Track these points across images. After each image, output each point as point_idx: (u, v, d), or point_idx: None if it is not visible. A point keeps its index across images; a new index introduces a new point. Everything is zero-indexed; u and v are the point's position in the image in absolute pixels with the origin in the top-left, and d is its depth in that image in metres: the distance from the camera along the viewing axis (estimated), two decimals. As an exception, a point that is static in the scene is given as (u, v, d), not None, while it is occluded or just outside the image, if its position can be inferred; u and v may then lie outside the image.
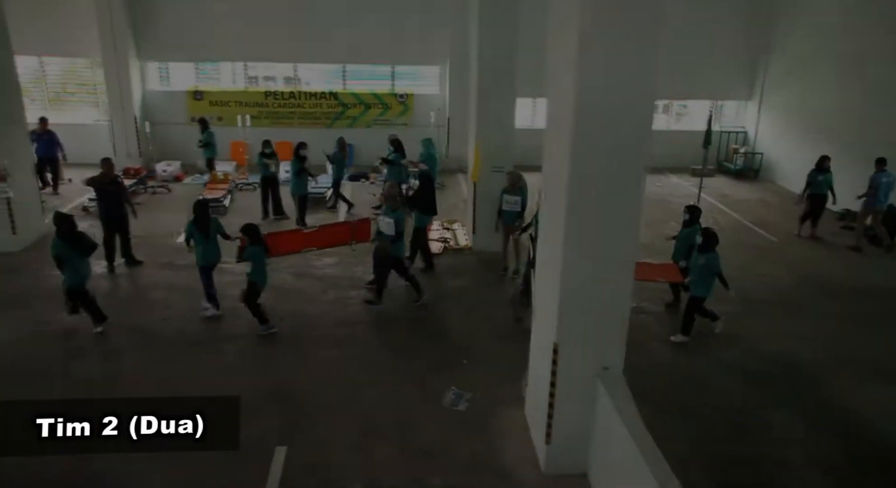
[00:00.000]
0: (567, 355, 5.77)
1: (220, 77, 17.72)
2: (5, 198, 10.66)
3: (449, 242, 11.89)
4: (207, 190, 13.93)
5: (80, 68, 17.22)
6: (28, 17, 14.18)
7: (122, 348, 8.28)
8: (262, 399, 7.23)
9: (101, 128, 16.78)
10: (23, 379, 7.50)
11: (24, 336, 8.46)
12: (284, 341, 8.51)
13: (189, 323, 8.88)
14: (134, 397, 7.06)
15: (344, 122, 17.26)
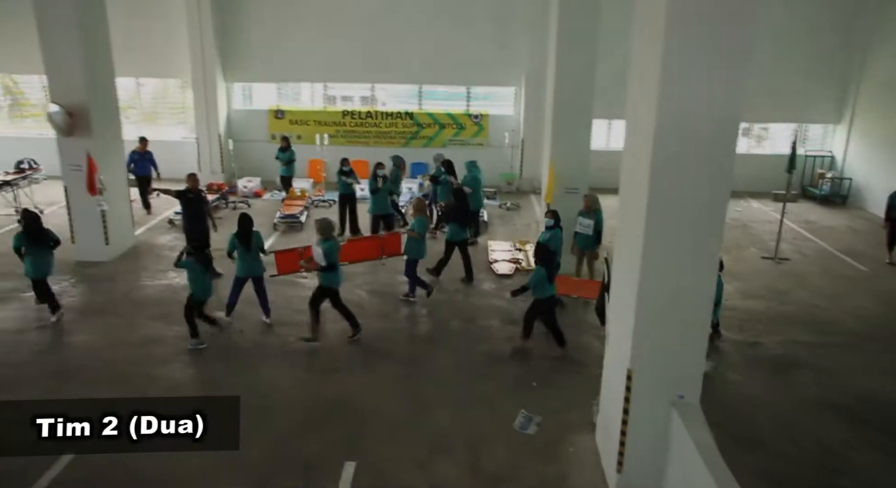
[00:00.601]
0: (641, 382, 5.63)
1: (299, 96, 18.28)
2: (101, 211, 11.24)
3: (521, 263, 11.82)
4: (285, 206, 14.33)
5: (170, 88, 18.09)
6: (129, 42, 14.98)
7: (202, 357, 8.57)
8: (329, 412, 7.35)
9: (189, 144, 17.55)
10: (110, 382, 7.86)
11: (113, 341, 8.87)
12: (354, 356, 8.62)
13: (264, 335, 9.12)
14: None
15: (419, 141, 17.49)
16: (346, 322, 9.01)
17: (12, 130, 18.10)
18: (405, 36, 16.83)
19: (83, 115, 11.11)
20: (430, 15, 16.67)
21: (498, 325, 9.56)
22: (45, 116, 11.55)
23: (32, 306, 9.69)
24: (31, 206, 14.17)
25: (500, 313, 9.93)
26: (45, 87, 16.78)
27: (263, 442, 6.79)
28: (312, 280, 10.70)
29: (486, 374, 8.23)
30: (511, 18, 16.67)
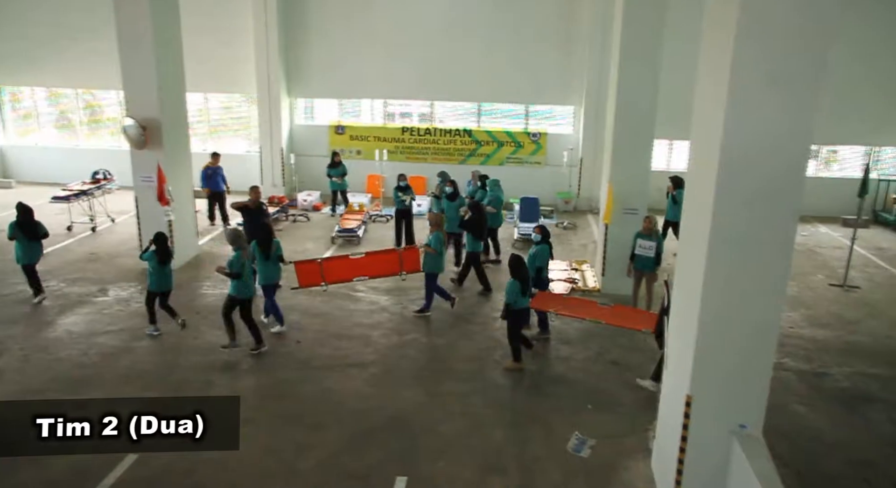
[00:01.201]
0: (701, 409, 5.49)
1: (359, 112, 18.61)
2: (168, 221, 11.64)
3: (577, 283, 11.71)
4: (343, 220, 14.56)
5: (235, 103, 18.66)
6: (199, 59, 15.54)
7: (261, 366, 8.75)
8: (385, 426, 7.39)
9: (252, 158, 18.04)
10: (171, 386, 8.10)
11: (176, 347, 9.16)
12: (411, 371, 8.66)
13: (321, 346, 9.25)
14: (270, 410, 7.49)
15: (477, 159, 17.56)
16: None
17: (90, 143, 18.94)
18: (465, 54, 16.98)
19: (155, 128, 11.57)
20: (491, 33, 16.78)
21: (552, 345, 9.48)
22: (121, 130, 12.05)
23: (104, 311, 10.08)
24: (106, 216, 14.84)
25: (554, 333, 9.83)
26: (121, 102, 17.64)
27: (318, 453, 6.88)
28: (370, 293, 10.85)
29: (540, 394, 8.16)
30: (572, 37, 16.65)
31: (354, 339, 9.49)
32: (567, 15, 16.57)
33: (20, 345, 9.07)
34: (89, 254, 12.78)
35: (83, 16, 17.13)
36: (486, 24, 16.78)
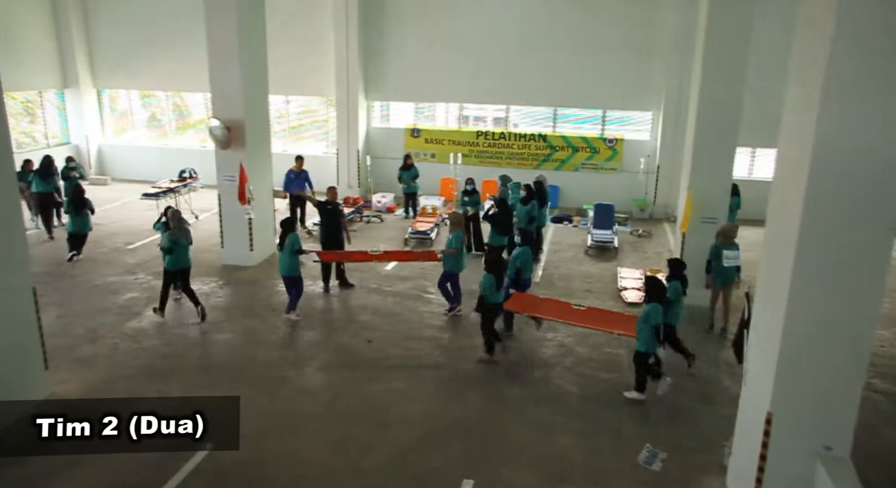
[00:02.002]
0: (782, 428, 5.28)
1: (434, 116, 18.76)
2: (248, 219, 12.03)
3: (651, 292, 11.43)
4: (416, 222, 14.70)
5: (314, 106, 19.12)
6: (281, 63, 15.99)
7: (332, 364, 8.92)
8: (453, 429, 7.41)
9: (329, 159, 18.45)
10: (246, 380, 8.36)
11: (252, 341, 9.44)
12: (479, 375, 8.66)
13: (392, 347, 9.35)
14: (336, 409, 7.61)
15: (551, 164, 17.41)
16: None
17: (178, 142, 19.80)
18: (542, 58, 16.86)
19: (239, 129, 11.99)
20: (569, 38, 16.62)
21: (625, 355, 9.27)
22: (207, 130, 12.54)
23: (184, 303, 10.47)
24: (189, 212, 15.45)
25: (628, 342, 9.62)
26: (207, 104, 18.37)
27: (384, 452, 6.96)
28: (440, 296, 10.89)
29: (611, 404, 8.00)
30: (652, 42, 16.30)
31: (424, 341, 9.56)
32: (647, 20, 16.24)
33: (111, 333, 9.56)
34: (174, 249, 13.31)
35: (175, 24, 17.96)
36: (564, 29, 16.63)
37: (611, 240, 13.96)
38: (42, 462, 6.56)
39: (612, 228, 14.45)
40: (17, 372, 7.41)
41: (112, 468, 6.56)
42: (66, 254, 12.44)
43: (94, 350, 9.06)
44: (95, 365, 8.67)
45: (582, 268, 12.78)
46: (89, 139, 19.56)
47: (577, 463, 6.85)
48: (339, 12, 17.07)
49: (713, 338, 9.94)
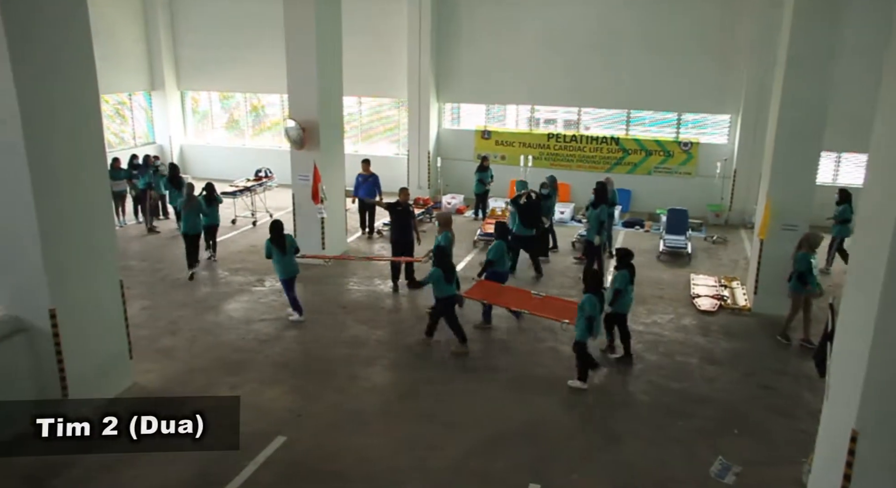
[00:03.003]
0: (869, 447, 5.01)
1: (504, 117, 18.71)
2: (320, 218, 12.29)
3: (726, 301, 11.08)
4: (486, 224, 14.69)
5: (385, 107, 19.37)
6: (356, 65, 16.26)
7: (399, 363, 9.02)
8: (519, 433, 7.38)
9: (400, 160, 18.66)
10: (316, 376, 8.55)
11: (322, 339, 9.64)
12: (549, 380, 8.58)
13: (461, 347, 9.37)
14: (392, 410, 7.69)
15: (623, 167, 17.11)
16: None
17: (254, 142, 20.43)
18: (616, 61, 16.60)
19: (314, 130, 12.27)
20: (643, 39, 16.29)
21: (696, 364, 9.04)
22: (283, 131, 12.88)
23: (261, 300, 10.79)
24: (265, 211, 15.89)
25: (700, 351, 9.39)
26: (283, 105, 18.90)
27: (450, 453, 6.99)
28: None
29: (682, 413, 7.80)
30: (730, 44, 15.81)
31: (491, 343, 9.56)
32: (726, 20, 15.75)
33: (189, 325, 9.94)
34: (250, 247, 13.75)
35: (253, 28, 18.53)
36: (639, 29, 16.32)
37: (684, 246, 13.61)
38: (117, 449, 6.89)
39: (685, 234, 14.08)
40: (106, 360, 7.81)
41: (184, 458, 6.82)
42: (154, 251, 13.08)
43: (173, 342, 9.44)
44: (175, 356, 9.03)
45: (653, 273, 12.50)
46: (172, 139, 20.41)
47: (647, 472, 6.71)
48: (413, 15, 17.25)
49: (791, 349, 9.55)
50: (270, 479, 6.52)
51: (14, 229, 6.93)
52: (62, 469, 6.62)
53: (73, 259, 7.25)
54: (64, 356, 7.20)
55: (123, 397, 7.90)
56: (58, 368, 7.21)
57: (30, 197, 6.73)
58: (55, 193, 6.97)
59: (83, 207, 7.37)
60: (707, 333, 10.00)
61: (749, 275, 11.46)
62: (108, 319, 7.84)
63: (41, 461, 6.71)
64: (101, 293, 7.68)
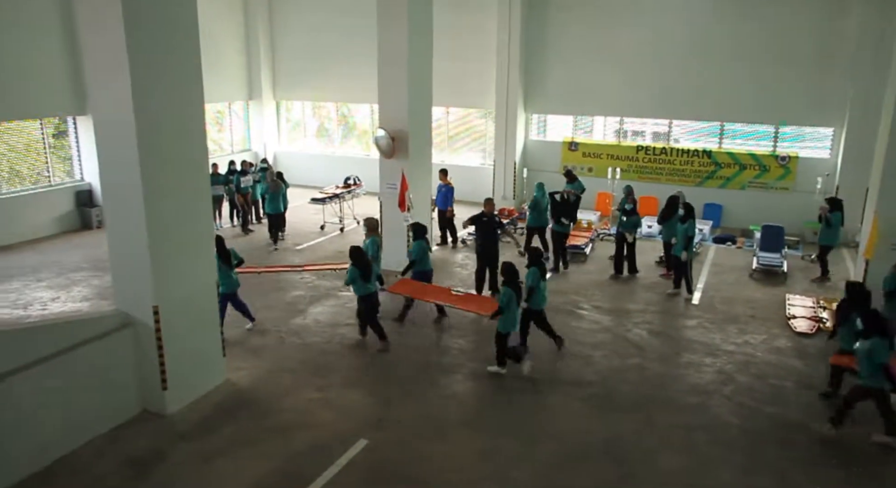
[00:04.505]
0: None
1: (591, 129, 18.47)
2: (406, 226, 12.45)
3: (825, 323, 10.52)
4: (571, 237, 14.48)
5: (470, 117, 19.49)
6: (444, 76, 16.44)
7: (480, 373, 8.98)
8: (599, 449, 7.24)
9: (485, 170, 18.73)
10: (397, 381, 8.67)
11: (403, 345, 9.72)
12: (631, 397, 8.39)
13: (540, 361, 9.28)
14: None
15: (715, 181, 16.56)
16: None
17: (343, 151, 20.98)
18: (709, 71, 16.10)
19: (403, 139, 12.48)
20: (739, 48, 15.73)
21: (792, 387, 8.61)
22: (373, 140, 13.16)
23: (346, 305, 11.03)
24: (353, 218, 16.26)
25: (795, 374, 8.94)
26: (372, 115, 19.34)
27: (531, 466, 6.93)
28: (593, 312, 10.68)
29: (776, 440, 7.44)
30: (834, 54, 15.05)
31: (575, 358, 9.42)
32: (831, 28, 15.02)
33: (277, 327, 10.27)
34: (337, 252, 14.09)
35: (346, 41, 19.14)
36: (735, 39, 15.78)
37: (779, 264, 13.03)
38: (211, 444, 7.20)
39: (780, 251, 13.49)
40: (201, 356, 8.18)
41: (273, 455, 7.05)
42: (247, 254, 13.53)
43: (262, 342, 9.78)
44: (263, 356, 9.35)
45: (746, 292, 12.02)
46: (267, 146, 21.23)
47: (736, 499, 6.44)
48: (503, 27, 17.32)
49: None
50: (353, 482, 6.64)
51: (126, 232, 7.38)
52: (165, 456, 6.99)
53: (175, 260, 7.64)
54: (164, 350, 7.59)
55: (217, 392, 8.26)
56: (158, 361, 7.60)
57: (140, 201, 7.15)
58: (162, 198, 7.37)
59: (186, 211, 7.76)
60: (803, 356, 9.52)
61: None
62: (204, 318, 8.22)
63: (146, 447, 7.11)
64: (199, 292, 8.05)
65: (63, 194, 15.77)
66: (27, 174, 15.38)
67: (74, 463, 6.86)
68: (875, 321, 7.27)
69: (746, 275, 13.00)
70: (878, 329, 7.17)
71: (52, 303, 11.21)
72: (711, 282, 12.61)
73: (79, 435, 7.15)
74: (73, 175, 16.23)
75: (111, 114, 7.08)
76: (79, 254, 13.88)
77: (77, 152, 16.17)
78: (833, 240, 12.53)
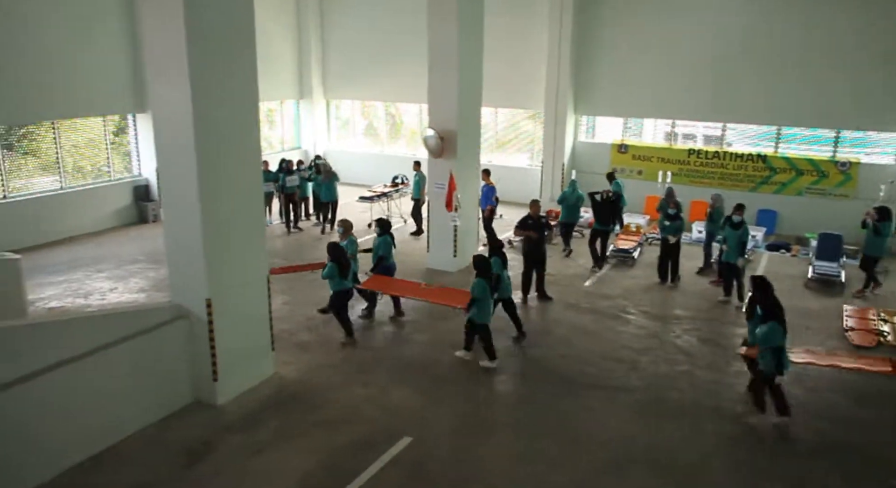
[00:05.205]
0: None
1: (640, 131, 18.21)
2: (453, 226, 12.50)
3: (885, 336, 10.16)
4: (619, 240, 14.34)
5: (517, 117, 19.42)
6: (494, 77, 16.41)
7: (524, 375, 8.99)
8: (645, 457, 7.15)
9: (533, 172, 18.64)
10: (440, 379, 8.70)
11: (447, 344, 9.73)
12: (678, 404, 8.25)
13: (586, 365, 9.21)
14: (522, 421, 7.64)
15: (769, 187, 16.14)
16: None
17: (391, 149, 21.14)
18: (765, 74, 15.66)
19: (452, 140, 12.51)
20: (798, 50, 15.27)
21: (847, 404, 8.33)
22: (422, 139, 13.23)
23: (389, 302, 11.09)
24: (399, 217, 16.38)
25: (852, 390, 8.64)
26: (420, 115, 19.44)
27: (571, 471, 6.88)
28: (640, 317, 10.56)
29: (828, 458, 7.20)
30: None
31: (622, 362, 9.30)
32: (893, 32, 14.47)
33: (325, 323, 10.39)
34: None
35: (395, 42, 19.36)
36: (793, 40, 15.33)
37: (837, 274, 12.63)
38: (258, 436, 7.34)
39: (838, 261, 13.07)
40: (251, 349, 8.36)
41: (319, 449, 7.15)
42: (296, 250, 13.83)
43: (310, 337, 9.93)
44: (312, 351, 9.49)
45: (801, 302, 11.67)
46: (317, 144, 21.54)
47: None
48: (554, 27, 17.22)
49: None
50: (396, 479, 6.69)
51: (182, 226, 7.59)
52: (214, 446, 7.16)
53: (228, 254, 7.82)
54: (216, 342, 7.77)
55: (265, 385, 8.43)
56: (210, 353, 7.79)
57: (196, 196, 7.34)
58: (218, 194, 7.55)
59: (240, 207, 7.94)
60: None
61: (913, 310, 10.46)
62: (254, 311, 8.38)
63: (195, 437, 7.30)
64: (250, 287, 8.22)
65: (122, 189, 16.29)
66: (89, 169, 15.92)
67: (126, 451, 7.08)
68: (773, 307, 7.73)
69: (801, 284, 12.65)
70: (776, 315, 7.65)
71: (111, 294, 11.59)
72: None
73: (132, 422, 7.38)
74: (131, 170, 16.74)
75: (171, 111, 7.29)
76: (135, 246, 14.32)
77: (136, 148, 16.68)
78: (880, 250, 12.02)
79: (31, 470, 6.47)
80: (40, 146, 14.85)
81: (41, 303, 11.07)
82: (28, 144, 14.68)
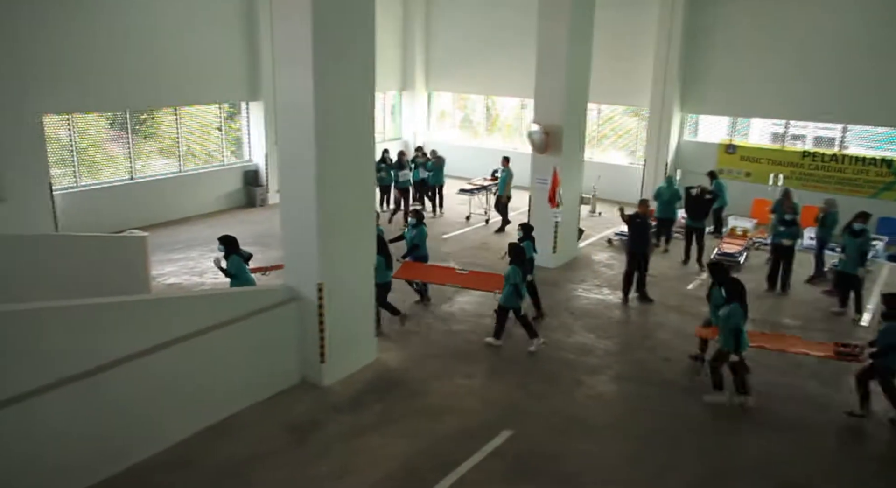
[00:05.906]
0: None
1: (748, 131, 17.46)
2: (555, 222, 12.41)
3: None
4: (724, 243, 13.82)
5: (617, 113, 19.01)
6: (602, 72, 16.03)
7: (626, 376, 8.84)
8: (751, 468, 6.94)
9: (634, 170, 18.21)
10: (538, 377, 8.68)
11: (548, 341, 9.70)
12: (787, 416, 7.92)
13: (690, 370, 8.96)
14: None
15: (892, 193, 15.16)
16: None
17: (490, 143, 21.15)
18: (893, 72, 14.67)
19: (557, 135, 12.41)
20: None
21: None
22: (526, 135, 13.18)
23: (489, 295, 11.14)
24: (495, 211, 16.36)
25: None
26: (519, 108, 19.35)
27: (682, 476, 6.75)
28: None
29: (884, 462, 6.79)
30: None
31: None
32: None
33: (426, 312, 10.59)
34: (481, 243, 14.28)
35: (497, 35, 19.33)
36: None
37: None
38: (362, 418, 7.56)
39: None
40: (357, 334, 8.62)
41: (422, 435, 7.29)
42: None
43: (410, 326, 10.09)
44: (412, 339, 9.67)
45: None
46: (417, 135, 21.82)
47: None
48: (664, 23, 16.76)
49: None
50: (498, 470, 6.74)
51: (299, 212, 7.89)
52: (321, 425, 7.43)
53: (339, 240, 8.07)
54: (325, 325, 8.04)
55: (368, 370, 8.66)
56: (319, 335, 8.07)
57: (313, 182, 7.62)
58: (333, 180, 7.80)
59: (353, 195, 8.17)
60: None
61: None
62: (361, 297, 8.62)
63: (303, 414, 7.59)
64: (358, 273, 8.46)
65: (232, 173, 17.05)
66: (201, 154, 16.74)
67: (240, 423, 7.44)
68: (735, 288, 8.00)
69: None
70: (737, 296, 7.90)
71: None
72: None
73: (245, 397, 7.75)
74: (241, 156, 17.48)
75: (294, 97, 7.57)
76: (245, 229, 14.94)
77: (247, 135, 17.39)
78: None
79: (171, 425, 7.02)
80: (160, 130, 15.72)
81: (161, 278, 11.75)
82: (146, 129, 15.57)
